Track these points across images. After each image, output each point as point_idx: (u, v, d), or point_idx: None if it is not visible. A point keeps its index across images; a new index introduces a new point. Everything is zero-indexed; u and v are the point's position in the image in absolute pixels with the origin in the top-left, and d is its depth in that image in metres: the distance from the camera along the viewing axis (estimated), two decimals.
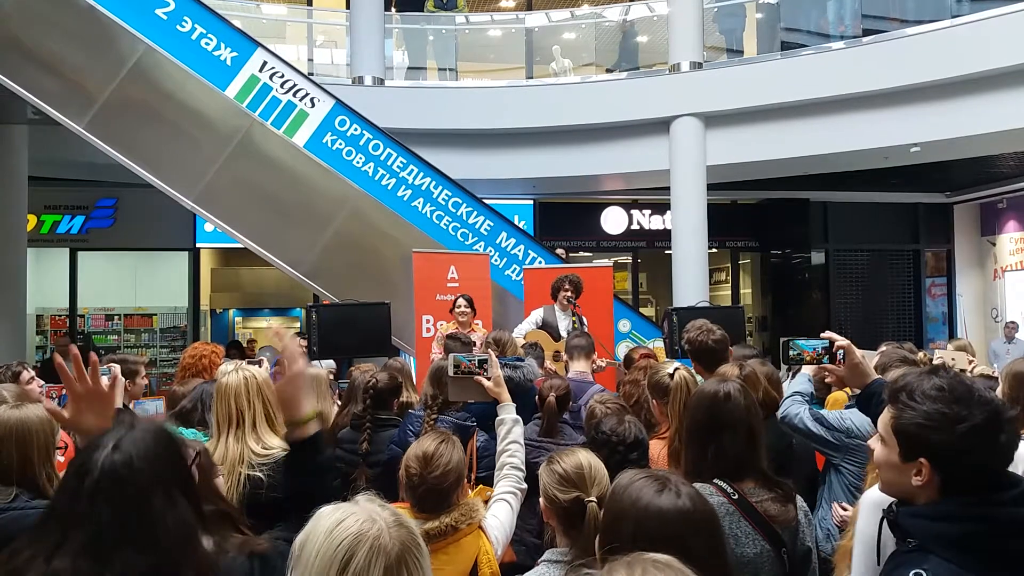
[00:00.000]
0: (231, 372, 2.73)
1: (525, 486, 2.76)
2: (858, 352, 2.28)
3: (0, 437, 2.43)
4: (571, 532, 2.07)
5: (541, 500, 2.16)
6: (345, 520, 1.26)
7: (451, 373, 3.00)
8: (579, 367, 4.68)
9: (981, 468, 1.48)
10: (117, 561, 1.38)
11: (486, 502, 2.63)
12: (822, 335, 2.35)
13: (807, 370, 3.25)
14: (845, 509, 3.15)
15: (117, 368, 3.42)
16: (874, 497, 2.19)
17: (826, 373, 3.30)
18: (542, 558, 2.10)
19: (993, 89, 8.36)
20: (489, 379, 2.96)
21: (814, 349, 2.35)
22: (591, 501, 2.03)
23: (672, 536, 1.41)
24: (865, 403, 2.22)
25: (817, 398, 4.37)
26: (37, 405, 2.62)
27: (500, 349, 4.67)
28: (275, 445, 2.64)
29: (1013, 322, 11.36)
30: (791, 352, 2.39)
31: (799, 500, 2.39)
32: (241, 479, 2.54)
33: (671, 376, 3.05)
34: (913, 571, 1.45)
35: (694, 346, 3.60)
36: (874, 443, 1.67)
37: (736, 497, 2.22)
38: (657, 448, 2.95)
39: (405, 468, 2.39)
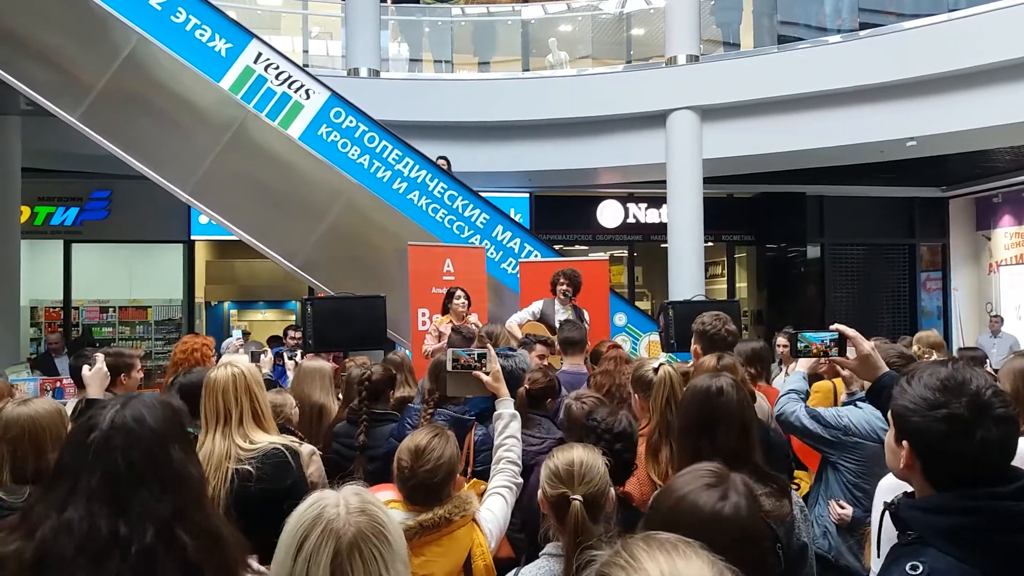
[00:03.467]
0: (221, 367, 2.72)
1: (520, 480, 2.77)
2: (867, 344, 2.26)
3: (14, 436, 2.42)
4: (563, 527, 2.08)
5: (539, 492, 2.17)
6: (313, 504, 1.31)
7: (449, 368, 2.99)
8: (573, 360, 4.69)
9: (959, 459, 1.47)
10: (136, 505, 1.39)
11: (481, 495, 2.63)
12: (831, 327, 2.32)
13: (802, 367, 3.25)
14: (843, 507, 3.15)
15: (100, 357, 3.39)
16: (887, 484, 2.19)
17: (822, 368, 3.31)
18: (543, 551, 2.11)
19: (989, 83, 8.36)
20: (488, 374, 2.94)
21: (822, 341, 2.32)
22: (576, 499, 2.03)
23: (703, 537, 1.41)
24: (876, 396, 2.20)
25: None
26: (44, 399, 2.60)
27: (493, 342, 4.66)
28: (261, 440, 2.63)
29: (998, 316, 11.41)
30: (799, 344, 2.37)
31: (795, 495, 2.38)
32: (228, 474, 2.53)
33: (655, 371, 3.03)
34: (910, 563, 1.45)
35: (708, 333, 3.55)
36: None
37: None
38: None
39: (397, 461, 2.39)
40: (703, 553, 1.06)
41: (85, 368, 3.32)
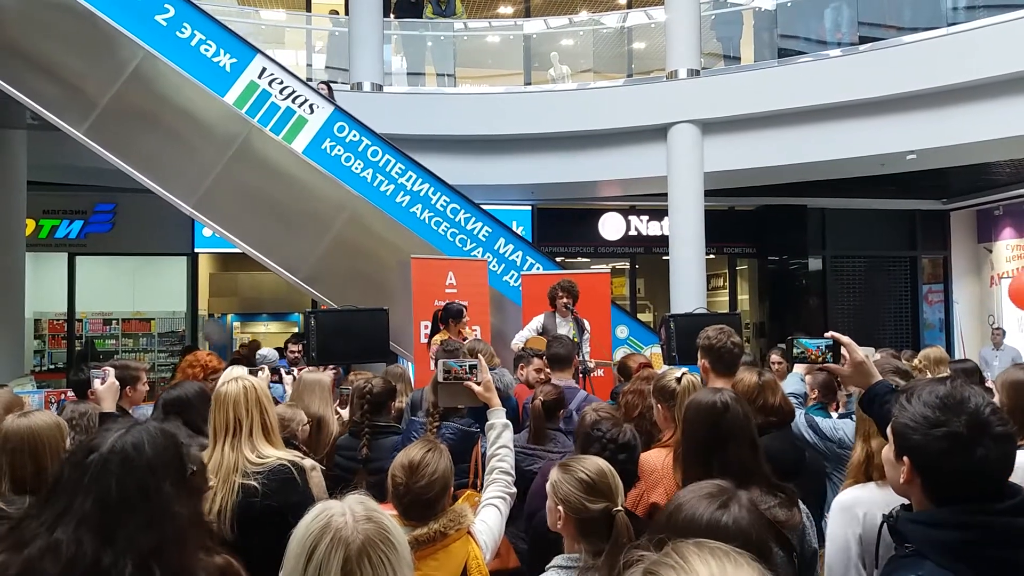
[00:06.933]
0: (230, 381, 2.74)
1: (514, 490, 2.78)
2: (861, 352, 2.29)
3: (13, 447, 2.44)
4: (588, 539, 2.09)
5: (559, 507, 2.15)
6: (321, 514, 1.35)
7: (441, 379, 3.03)
8: (561, 375, 4.74)
9: (958, 476, 1.51)
10: (121, 537, 1.40)
11: (475, 507, 2.64)
12: (826, 334, 2.35)
13: (799, 369, 3.27)
14: None
15: (111, 371, 3.42)
16: (843, 500, 2.24)
17: (836, 376, 3.34)
18: (551, 563, 2.12)
19: (989, 97, 8.39)
20: (479, 384, 2.98)
21: (818, 347, 2.36)
22: (619, 511, 2.05)
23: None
24: (868, 404, 2.22)
25: (822, 403, 4.37)
26: (44, 412, 2.63)
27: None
28: (270, 454, 2.65)
29: (1000, 328, 11.41)
30: (795, 351, 2.41)
31: (800, 504, 2.40)
32: (235, 488, 2.55)
33: (678, 380, 3.05)
34: None
35: (715, 347, 3.56)
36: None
37: None
38: (661, 456, 2.93)
39: (391, 477, 2.39)
40: (754, 564, 1.07)
41: (96, 382, 3.35)
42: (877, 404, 2.15)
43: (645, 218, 13.13)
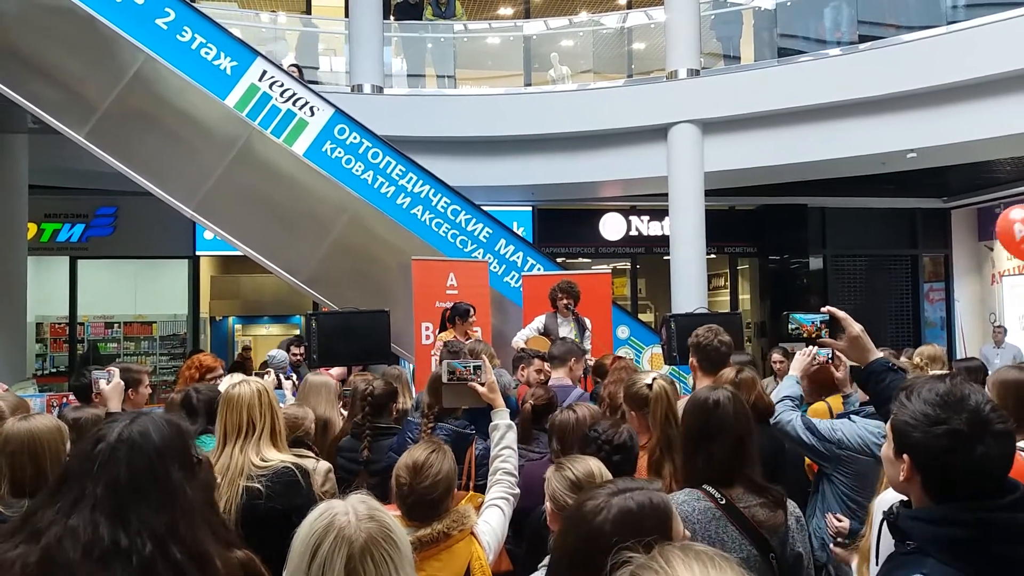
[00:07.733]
0: (242, 383, 2.74)
1: (517, 491, 2.79)
2: (857, 326, 2.28)
3: (12, 450, 2.45)
4: None
5: (548, 504, 2.18)
6: (324, 513, 1.37)
7: (445, 380, 3.03)
8: (556, 375, 4.77)
9: (959, 473, 1.51)
10: (134, 519, 1.44)
11: (478, 508, 2.65)
12: (822, 309, 2.34)
13: (794, 370, 3.26)
14: (840, 520, 3.17)
15: (116, 371, 3.44)
16: (887, 499, 2.21)
17: (814, 368, 3.35)
18: (543, 563, 2.12)
19: (989, 95, 8.39)
20: (483, 384, 2.98)
21: (812, 323, 2.34)
22: None
23: (573, 536, 1.44)
24: (865, 381, 2.22)
25: (806, 402, 4.37)
26: (45, 416, 2.64)
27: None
28: (273, 458, 2.66)
29: (1001, 326, 11.40)
30: (790, 326, 2.39)
31: (791, 505, 2.41)
32: (239, 490, 2.55)
33: (649, 387, 3.02)
34: (914, 574, 1.47)
35: (702, 344, 3.60)
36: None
37: (724, 502, 2.25)
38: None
39: (395, 477, 2.40)
40: (738, 568, 1.09)
41: (102, 382, 3.38)
42: (874, 381, 2.15)
43: (646, 218, 13.13)
